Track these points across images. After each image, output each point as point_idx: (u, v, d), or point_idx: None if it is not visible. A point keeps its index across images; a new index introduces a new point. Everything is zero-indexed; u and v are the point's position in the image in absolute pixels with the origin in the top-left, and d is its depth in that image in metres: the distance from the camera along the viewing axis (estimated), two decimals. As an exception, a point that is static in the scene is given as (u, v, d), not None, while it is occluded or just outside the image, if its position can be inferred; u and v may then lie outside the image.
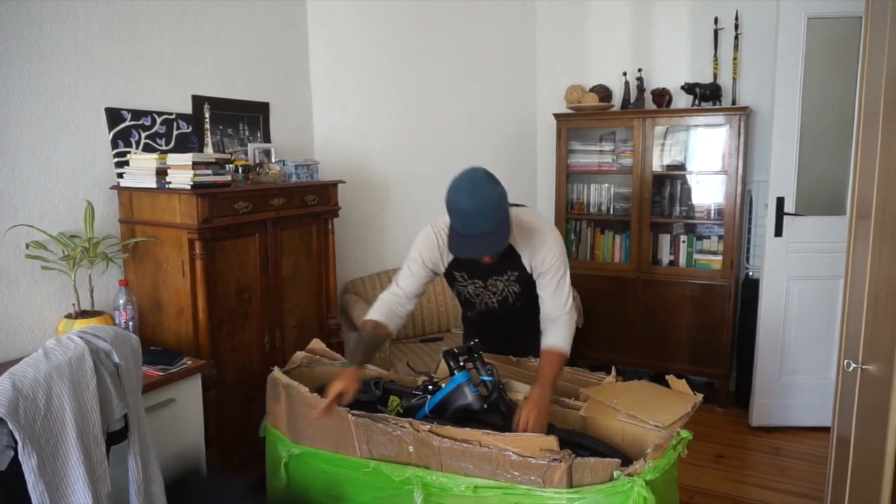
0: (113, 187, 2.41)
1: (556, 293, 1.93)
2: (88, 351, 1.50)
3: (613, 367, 2.00)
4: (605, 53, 3.93)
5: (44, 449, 1.35)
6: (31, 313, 2.19)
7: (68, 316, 2.15)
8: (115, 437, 1.61)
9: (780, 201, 3.11)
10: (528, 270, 1.96)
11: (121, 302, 2.25)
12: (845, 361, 1.69)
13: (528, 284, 2.01)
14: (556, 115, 3.81)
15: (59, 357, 1.44)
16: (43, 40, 2.17)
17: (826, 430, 2.19)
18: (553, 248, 1.93)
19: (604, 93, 3.78)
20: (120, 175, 2.40)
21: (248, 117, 2.98)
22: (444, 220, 1.89)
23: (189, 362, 2.17)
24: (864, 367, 1.60)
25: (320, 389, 1.94)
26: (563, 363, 1.91)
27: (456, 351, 1.88)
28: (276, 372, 1.96)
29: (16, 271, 2.14)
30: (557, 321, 1.92)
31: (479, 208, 1.71)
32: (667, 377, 1.90)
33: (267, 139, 3.06)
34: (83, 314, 2.16)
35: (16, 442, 1.30)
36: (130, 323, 2.26)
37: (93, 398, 1.48)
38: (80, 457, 1.42)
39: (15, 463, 1.31)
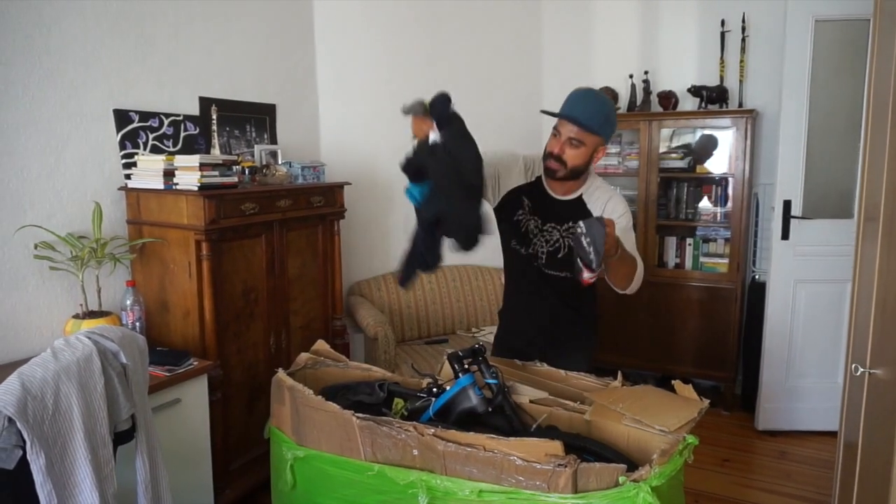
0: (121, 188, 2.42)
1: (625, 240, 1.87)
2: (96, 351, 1.51)
3: (619, 372, 1.99)
4: (612, 55, 3.93)
5: (52, 448, 1.36)
6: (40, 313, 2.20)
7: (76, 316, 2.16)
8: (122, 437, 1.62)
9: (787, 204, 3.10)
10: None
11: (128, 302, 2.26)
12: (853, 365, 1.68)
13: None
14: (562, 118, 3.80)
15: (67, 357, 1.45)
16: (52, 42, 2.19)
17: (833, 434, 2.18)
18: (621, 202, 1.98)
19: (610, 95, 3.78)
20: (128, 176, 2.42)
21: (255, 119, 2.99)
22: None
23: (195, 363, 2.18)
24: (871, 371, 1.59)
25: (325, 391, 1.94)
26: (632, 268, 1.91)
27: (460, 354, 1.87)
28: (281, 374, 1.96)
29: (24, 272, 2.15)
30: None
31: (596, 96, 1.95)
32: (673, 382, 1.89)
33: (273, 141, 3.07)
34: (91, 314, 2.17)
35: (24, 441, 1.31)
36: (137, 323, 2.27)
37: (100, 398, 1.49)
38: (87, 456, 1.43)
39: (23, 462, 1.32)
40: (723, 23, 3.55)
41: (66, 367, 1.43)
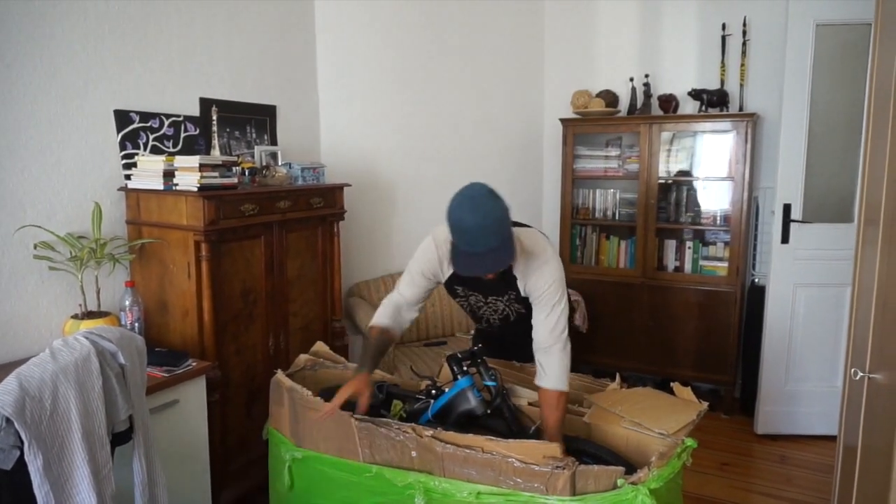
0: (120, 189, 2.42)
1: (547, 320, 1.81)
2: (94, 352, 1.50)
3: (618, 374, 2.00)
4: (612, 59, 3.93)
5: (49, 449, 1.36)
6: (38, 313, 2.20)
7: (75, 316, 2.16)
8: (120, 438, 1.62)
9: (787, 208, 3.10)
10: (523, 294, 1.88)
11: (127, 303, 2.26)
12: (852, 370, 1.68)
13: (527, 304, 1.92)
14: (563, 120, 3.81)
15: (65, 358, 1.45)
16: (53, 43, 2.19)
17: (832, 438, 2.17)
18: (548, 275, 1.82)
19: (610, 98, 3.78)
20: (128, 177, 2.41)
21: (256, 120, 2.99)
22: (445, 232, 1.79)
23: (194, 364, 2.17)
24: (871, 375, 1.59)
25: (324, 393, 1.94)
26: (565, 401, 1.80)
27: (459, 356, 1.88)
28: (280, 375, 1.96)
29: (23, 271, 2.15)
30: (550, 352, 1.81)
31: (482, 225, 1.65)
32: (672, 384, 1.90)
33: (274, 142, 3.07)
34: (89, 315, 2.17)
35: (22, 442, 1.31)
36: (136, 324, 2.26)
37: (98, 399, 1.48)
38: (85, 457, 1.42)
39: (21, 463, 1.32)
40: (724, 26, 3.56)
41: (64, 367, 1.42)
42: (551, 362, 1.79)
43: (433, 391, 1.88)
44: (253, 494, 2.51)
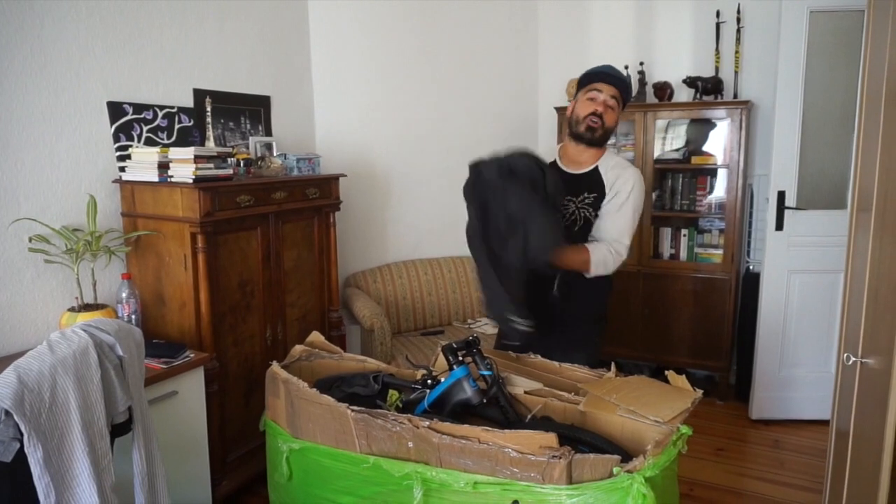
0: (115, 181, 2.41)
1: (614, 219, 2.03)
2: (92, 344, 1.51)
3: (613, 363, 2.01)
4: (607, 47, 3.92)
5: (49, 441, 1.37)
6: (35, 306, 2.20)
7: (71, 309, 2.16)
8: (120, 430, 1.62)
9: (781, 195, 3.11)
10: (605, 191, 2.04)
11: (123, 295, 2.26)
12: (845, 355, 1.70)
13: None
14: (558, 109, 3.81)
15: (63, 350, 1.45)
16: (45, 34, 2.17)
17: (825, 423, 2.20)
18: (632, 182, 2.03)
19: (605, 86, 3.77)
20: (122, 169, 2.41)
21: (250, 111, 2.98)
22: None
23: (192, 355, 2.18)
24: (863, 360, 1.60)
25: (320, 383, 1.95)
26: (582, 258, 2.00)
27: (455, 346, 1.88)
28: (275, 367, 1.96)
29: (19, 265, 2.15)
30: (598, 244, 2.03)
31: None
32: (666, 372, 1.91)
33: (268, 132, 3.06)
34: (86, 307, 2.17)
35: (21, 434, 1.31)
36: (133, 316, 2.27)
37: (97, 391, 1.49)
38: (84, 449, 1.43)
39: (21, 455, 1.33)
40: (718, 14, 3.55)
41: (62, 359, 1.43)
42: (597, 246, 2.03)
43: (429, 381, 1.89)
44: (252, 484, 2.54)
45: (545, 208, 1.85)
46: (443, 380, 1.87)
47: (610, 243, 2.03)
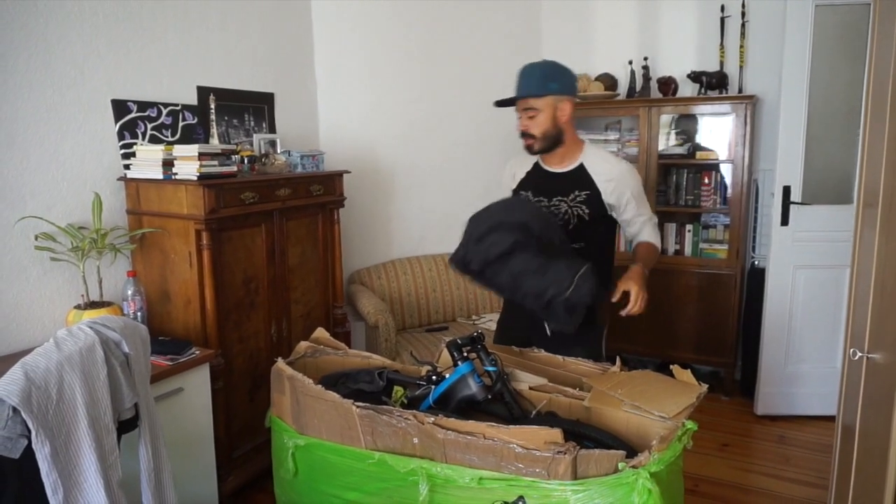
0: (120, 179, 2.42)
1: (638, 204, 2.11)
2: (99, 341, 1.51)
3: (618, 358, 2.00)
4: (611, 42, 3.90)
5: (56, 437, 1.37)
6: (42, 304, 2.21)
7: (77, 307, 2.17)
8: (126, 426, 1.63)
9: (787, 190, 3.10)
10: (600, 190, 2.04)
11: (129, 292, 2.27)
12: (851, 350, 1.69)
13: (596, 211, 2.06)
14: (562, 104, 3.79)
15: (70, 347, 1.46)
16: (49, 32, 2.18)
17: (831, 418, 2.19)
18: (630, 173, 2.08)
19: (609, 81, 3.76)
20: (127, 166, 2.41)
21: (254, 108, 2.98)
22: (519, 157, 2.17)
23: (197, 352, 2.19)
24: (869, 356, 1.60)
25: (325, 379, 1.96)
26: (658, 253, 2.14)
27: (459, 341, 1.88)
28: (280, 363, 1.97)
29: (25, 262, 2.16)
30: (646, 223, 2.14)
31: (532, 65, 2.04)
32: (671, 367, 1.90)
33: (272, 129, 3.06)
34: (92, 305, 2.18)
35: (29, 431, 1.32)
36: (139, 313, 2.28)
37: (103, 387, 1.50)
38: (91, 445, 1.44)
39: (29, 451, 1.34)
40: (723, 8, 3.53)
41: (68, 356, 1.44)
42: (646, 228, 2.16)
43: (434, 377, 1.89)
44: (258, 480, 2.55)
45: (561, 270, 1.80)
46: (447, 376, 1.87)
47: (649, 219, 2.17)
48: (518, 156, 2.21)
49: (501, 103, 2.09)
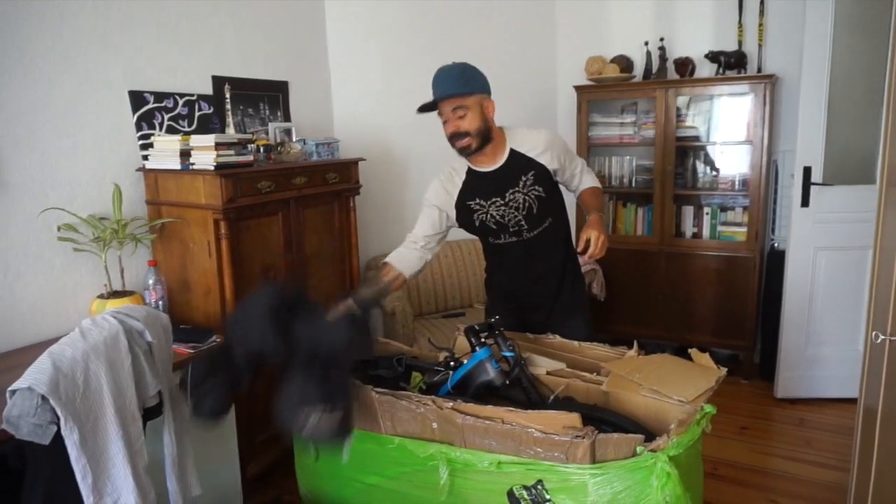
0: (138, 169, 2.44)
1: (573, 161, 2.19)
2: (122, 330, 1.54)
3: (636, 342, 2.00)
4: (626, 23, 3.85)
5: (84, 425, 1.41)
6: (66, 294, 2.25)
7: (100, 296, 2.21)
8: (151, 413, 1.67)
9: (807, 171, 3.05)
10: (542, 163, 2.07)
11: (150, 282, 2.30)
12: (873, 333, 1.67)
13: (548, 184, 2.09)
14: (577, 88, 3.76)
15: (95, 336, 1.49)
16: (65, 25, 2.20)
17: (852, 401, 2.17)
18: (553, 139, 2.13)
19: (625, 63, 3.71)
20: (145, 157, 2.44)
21: (268, 96, 2.99)
22: (450, 166, 2.17)
23: (218, 340, 2.22)
24: (892, 338, 1.58)
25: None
26: (601, 193, 2.22)
27: (477, 328, 1.89)
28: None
29: (49, 253, 2.20)
30: (583, 172, 2.21)
31: (448, 67, 2.05)
32: (689, 351, 1.90)
33: (287, 118, 3.07)
34: (115, 294, 2.22)
35: (58, 418, 1.36)
36: (160, 302, 2.31)
37: (128, 376, 1.53)
38: (118, 432, 1.47)
39: (59, 438, 1.37)
40: (741, -15, 3.46)
41: (94, 346, 1.47)
42: (585, 177, 2.22)
43: (452, 363, 1.90)
44: (280, 465, 2.58)
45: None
46: (465, 362, 1.88)
47: (583, 167, 2.24)
48: (439, 176, 2.20)
49: (425, 108, 2.07)
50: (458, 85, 2.00)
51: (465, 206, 2.13)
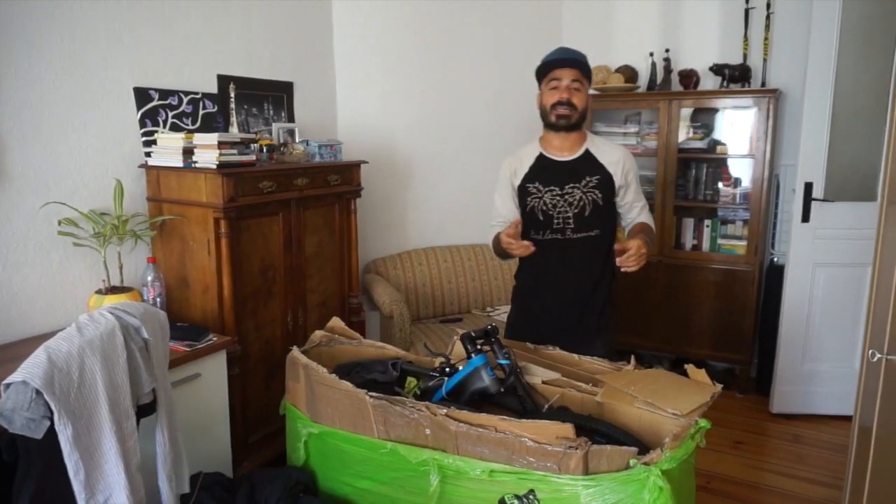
0: (141, 166, 2.45)
1: (636, 188, 2.21)
2: (119, 326, 1.54)
3: (633, 356, 2.00)
4: (632, 33, 3.86)
5: (78, 420, 1.41)
6: (64, 288, 2.25)
7: (99, 291, 2.21)
8: (144, 410, 1.66)
9: (809, 186, 3.05)
10: (610, 173, 2.12)
11: (149, 278, 2.30)
12: (870, 351, 1.67)
13: (608, 195, 2.13)
14: (581, 96, 3.76)
15: (91, 332, 1.49)
16: (73, 21, 2.20)
17: (847, 418, 2.17)
18: (630, 158, 2.18)
19: (629, 73, 3.72)
20: (148, 154, 2.44)
21: (273, 97, 2.99)
22: (520, 150, 2.23)
23: (214, 338, 2.22)
24: (889, 357, 1.58)
25: (339, 369, 1.98)
26: (654, 236, 2.21)
27: (473, 334, 1.89)
28: (295, 352, 1.99)
29: (48, 248, 2.20)
30: (643, 209, 2.22)
31: (573, 49, 2.15)
32: (686, 366, 1.89)
33: (291, 119, 3.08)
34: (113, 290, 2.21)
35: (52, 412, 1.35)
36: (158, 299, 2.31)
37: (123, 372, 1.53)
38: (112, 428, 1.47)
39: (51, 432, 1.37)
40: (747, -1, 3.47)
41: (90, 341, 1.46)
42: (643, 213, 2.22)
43: (447, 369, 1.90)
44: (272, 465, 2.58)
45: None
46: (461, 368, 1.88)
47: (645, 206, 2.25)
48: (516, 152, 2.25)
49: (548, 65, 2.12)
50: (586, 66, 2.12)
51: (524, 188, 2.18)
